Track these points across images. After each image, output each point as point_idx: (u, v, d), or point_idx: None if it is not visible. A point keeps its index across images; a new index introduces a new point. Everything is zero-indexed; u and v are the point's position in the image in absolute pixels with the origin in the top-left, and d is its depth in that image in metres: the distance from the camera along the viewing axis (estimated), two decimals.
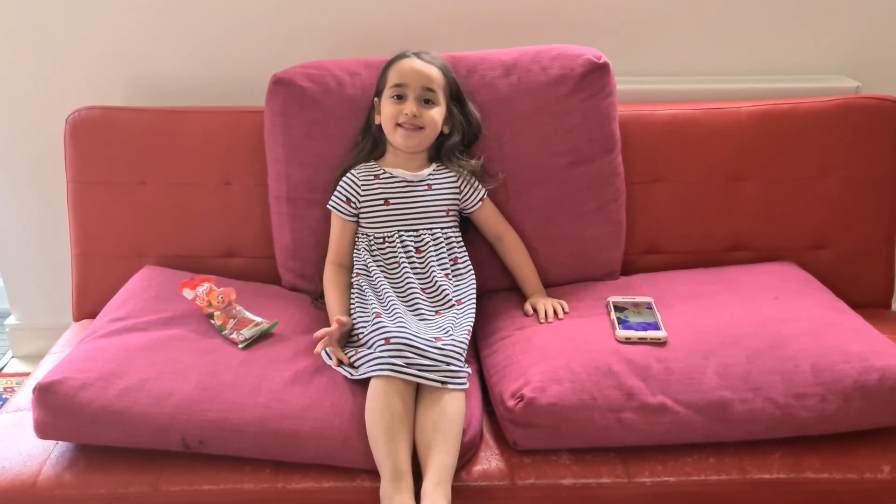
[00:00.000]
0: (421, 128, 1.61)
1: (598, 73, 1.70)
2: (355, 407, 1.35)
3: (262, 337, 1.51)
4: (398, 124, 1.61)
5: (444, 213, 1.63)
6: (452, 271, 1.59)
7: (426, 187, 1.64)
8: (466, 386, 1.36)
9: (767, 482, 1.32)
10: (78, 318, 1.86)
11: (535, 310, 1.60)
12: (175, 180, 1.81)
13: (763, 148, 1.79)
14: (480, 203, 1.67)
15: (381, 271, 1.57)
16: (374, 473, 1.29)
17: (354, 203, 1.64)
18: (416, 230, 1.61)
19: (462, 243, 1.65)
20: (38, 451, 1.36)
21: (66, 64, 1.99)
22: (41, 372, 1.58)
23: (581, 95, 1.70)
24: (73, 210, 1.84)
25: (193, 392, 1.35)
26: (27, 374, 2.26)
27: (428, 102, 1.62)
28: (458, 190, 1.66)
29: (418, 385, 1.35)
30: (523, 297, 1.67)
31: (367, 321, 1.45)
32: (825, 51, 2.04)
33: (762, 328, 1.46)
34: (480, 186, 1.68)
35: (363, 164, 1.67)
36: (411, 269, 1.57)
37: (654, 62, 2.04)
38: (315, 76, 1.73)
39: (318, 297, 1.69)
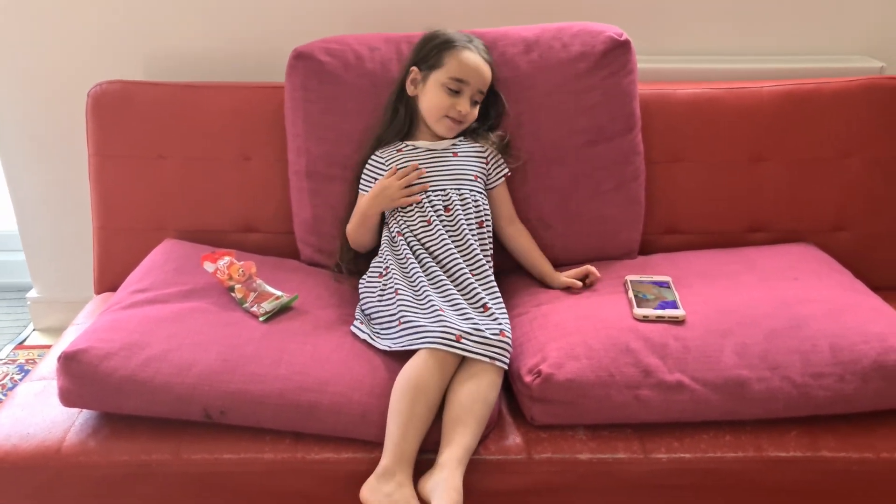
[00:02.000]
0: (463, 122, 1.63)
1: (619, 50, 1.69)
2: (374, 382, 1.36)
3: (283, 310, 1.52)
4: (446, 115, 1.62)
5: (472, 178, 1.63)
6: (478, 234, 1.59)
7: (451, 154, 1.65)
8: (506, 366, 1.37)
9: (783, 460, 1.33)
10: (99, 291, 1.88)
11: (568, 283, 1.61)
12: (194, 155, 1.82)
13: (785, 128, 1.78)
14: (502, 180, 1.67)
15: (417, 241, 1.55)
16: None
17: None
18: (444, 189, 1.60)
19: (489, 213, 1.64)
20: (62, 418, 1.39)
21: (86, 38, 2.00)
22: (65, 341, 1.61)
23: (602, 73, 1.69)
24: (95, 183, 1.85)
25: (215, 363, 1.36)
26: (49, 347, 2.30)
27: (476, 102, 1.63)
28: (485, 160, 1.66)
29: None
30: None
31: (398, 299, 1.46)
32: (848, 31, 2.02)
33: (781, 308, 1.46)
34: (504, 164, 1.68)
35: (385, 146, 1.68)
36: (443, 227, 1.56)
37: (675, 41, 2.03)
38: (335, 51, 1.73)
39: (338, 270, 1.71)
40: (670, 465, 1.33)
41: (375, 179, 1.65)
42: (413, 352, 1.37)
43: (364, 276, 1.59)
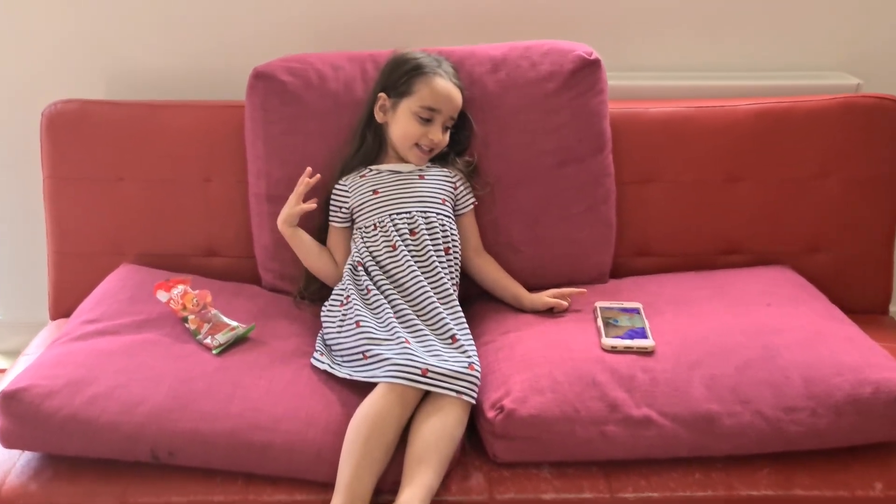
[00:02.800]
0: (434, 149, 1.59)
1: (588, 69, 1.65)
2: (330, 418, 1.31)
3: (238, 342, 1.47)
4: (417, 144, 1.57)
5: (439, 201, 1.58)
6: (445, 261, 1.54)
7: (417, 177, 1.60)
8: (474, 400, 1.32)
9: (755, 499, 1.28)
10: (55, 317, 1.82)
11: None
12: (154, 176, 1.76)
13: (760, 147, 1.73)
14: (470, 208, 1.63)
15: (380, 269, 1.50)
16: None
17: (346, 206, 1.60)
18: (409, 212, 1.55)
19: (457, 238, 1.59)
20: (2, 458, 1.32)
21: (43, 56, 1.94)
22: (9, 377, 1.54)
23: (571, 93, 1.64)
24: (50, 206, 1.79)
25: (165, 400, 1.31)
26: (3, 371, 2.23)
27: (447, 128, 1.59)
28: (453, 185, 1.62)
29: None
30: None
31: (359, 331, 1.41)
32: (824, 47, 1.98)
33: (753, 337, 1.41)
34: (471, 193, 1.64)
35: (349, 172, 1.63)
36: (408, 251, 1.51)
37: (646, 57, 1.98)
38: (297, 70, 1.68)
39: (300, 297, 1.65)
40: None
41: (341, 208, 1.60)
42: (372, 384, 1.31)
43: (325, 304, 1.54)
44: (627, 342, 1.40)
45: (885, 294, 1.80)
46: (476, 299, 1.64)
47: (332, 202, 1.62)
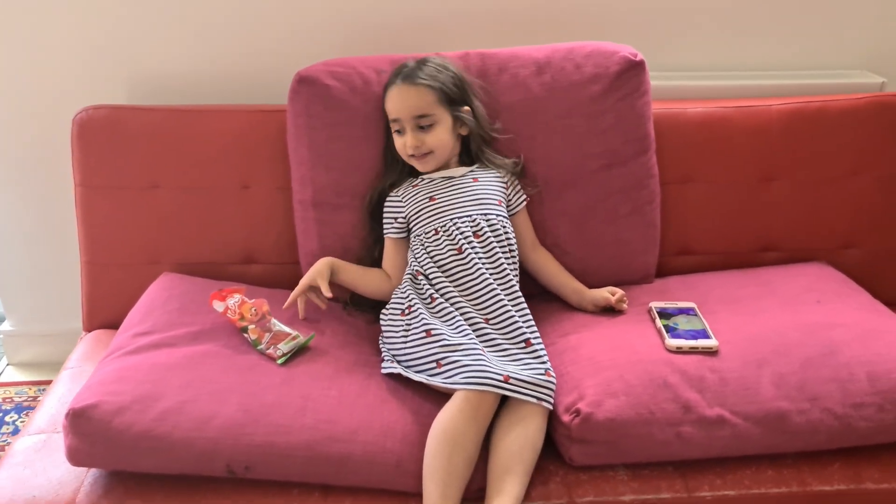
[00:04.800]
0: (430, 152, 1.56)
1: (633, 71, 1.66)
2: (407, 428, 1.30)
3: (300, 351, 1.45)
4: (408, 156, 1.57)
5: (496, 203, 1.57)
6: (511, 261, 1.53)
7: (471, 180, 1.59)
8: (552, 406, 1.32)
9: (828, 494, 1.31)
10: (89, 329, 1.77)
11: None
12: (190, 184, 1.73)
13: (794, 147, 1.76)
14: (522, 205, 1.63)
15: (448, 279, 1.48)
16: None
17: (402, 216, 1.59)
18: (471, 216, 1.54)
19: (515, 239, 1.58)
20: (69, 477, 1.29)
21: (65, 60, 1.88)
22: (60, 390, 1.51)
23: (616, 95, 1.65)
24: (82, 215, 1.74)
25: (236, 414, 1.28)
26: (25, 384, 2.18)
27: (426, 127, 1.55)
28: (505, 185, 1.61)
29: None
30: (563, 302, 1.62)
31: (431, 340, 1.39)
32: (848, 46, 2.01)
33: (811, 334, 1.44)
34: (522, 190, 1.63)
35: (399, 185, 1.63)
36: (475, 255, 1.49)
37: (674, 58, 1.99)
38: (340, 74, 1.65)
39: (349, 304, 1.64)
40: (715, 502, 1.30)
41: (394, 217, 1.59)
42: (447, 395, 1.31)
43: (384, 312, 1.52)
44: (692, 342, 1.41)
45: None
46: (528, 300, 1.64)
47: (385, 214, 1.61)
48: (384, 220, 1.61)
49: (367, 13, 1.87)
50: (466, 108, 1.57)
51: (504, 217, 1.57)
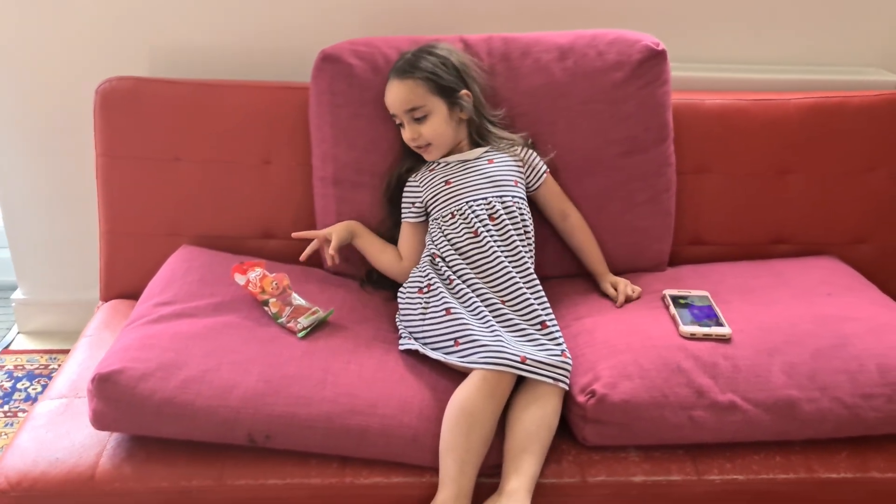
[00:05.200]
0: (429, 143, 1.59)
1: (655, 60, 1.67)
2: (424, 403, 1.33)
3: (320, 325, 1.47)
4: (414, 146, 1.60)
5: (512, 183, 1.58)
6: (526, 243, 1.55)
7: (486, 161, 1.61)
8: (568, 387, 1.35)
9: (834, 481, 1.33)
10: (106, 298, 1.79)
11: (615, 289, 1.59)
12: (211, 157, 1.74)
13: (811, 141, 1.78)
14: (545, 176, 1.64)
15: (465, 262, 1.50)
16: None
17: (420, 201, 1.61)
18: (486, 198, 1.55)
19: (531, 220, 1.59)
20: (92, 441, 1.31)
21: (86, 31, 1.89)
22: (80, 357, 1.53)
23: (638, 83, 1.66)
24: (103, 185, 1.76)
25: (258, 385, 1.31)
26: (35, 352, 2.20)
27: (421, 118, 1.57)
28: (521, 162, 1.63)
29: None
30: (579, 286, 1.65)
31: (450, 318, 1.41)
32: (862, 43, 2.02)
33: (823, 326, 1.46)
34: (539, 159, 1.64)
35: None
36: (490, 237, 1.51)
37: (690, 50, 2.00)
38: (363, 53, 1.67)
39: (366, 281, 1.66)
40: (723, 486, 1.33)
41: (414, 203, 1.62)
42: (463, 374, 1.33)
43: (402, 290, 1.54)
44: (706, 329, 1.44)
45: None
46: (545, 282, 1.65)
47: (404, 199, 1.63)
48: (402, 205, 1.63)
49: None
50: (465, 91, 1.58)
51: (520, 198, 1.59)
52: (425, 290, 1.49)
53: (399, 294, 1.54)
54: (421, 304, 1.47)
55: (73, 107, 1.93)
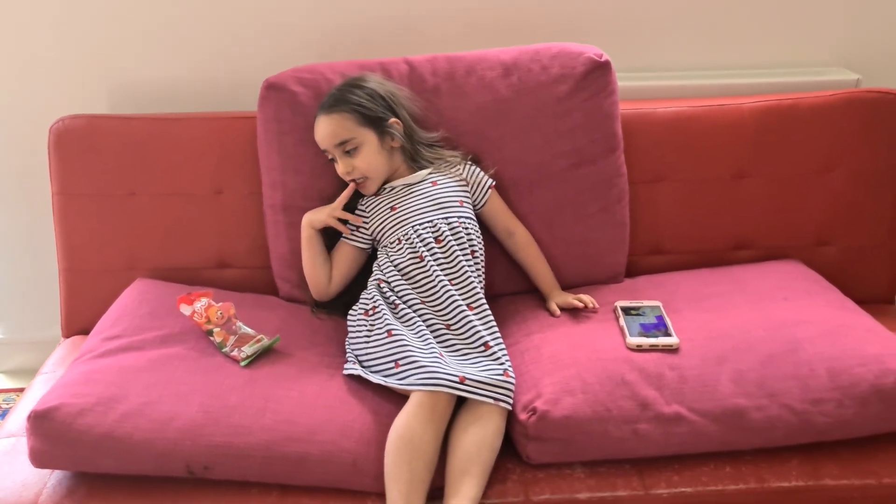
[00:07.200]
0: (365, 176, 1.59)
1: (599, 71, 1.67)
2: (364, 427, 1.32)
3: (265, 353, 1.46)
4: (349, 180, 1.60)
5: (457, 204, 1.58)
6: (473, 264, 1.55)
7: (430, 184, 1.60)
8: (510, 407, 1.33)
9: (786, 490, 1.30)
10: (68, 335, 1.80)
11: (561, 308, 1.58)
12: (165, 190, 1.75)
13: (766, 144, 1.76)
14: (489, 192, 1.63)
15: (411, 286, 1.50)
16: (384, 496, 1.25)
17: (367, 229, 1.61)
18: (431, 220, 1.55)
19: (481, 239, 1.59)
20: (33, 479, 1.31)
21: (45, 71, 1.92)
22: (33, 395, 1.53)
23: (583, 95, 1.66)
24: (59, 223, 1.77)
25: (197, 415, 1.30)
26: (14, 391, 2.21)
27: (352, 151, 1.57)
28: (465, 182, 1.62)
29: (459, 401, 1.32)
30: (529, 302, 1.63)
31: (391, 340, 1.41)
32: (823, 43, 2.01)
33: (775, 331, 1.44)
34: (483, 175, 1.64)
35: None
36: (435, 262, 1.50)
37: (647, 58, 2.00)
38: (307, 80, 1.68)
39: (317, 307, 1.65)
40: (671, 500, 1.30)
41: (359, 228, 1.62)
42: (406, 396, 1.32)
43: (351, 313, 1.54)
44: (652, 340, 1.42)
45: (891, 284, 1.83)
46: (496, 300, 1.65)
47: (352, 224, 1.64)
48: (348, 225, 1.63)
49: (337, 19, 1.89)
50: (394, 119, 1.58)
51: (467, 218, 1.58)
52: (370, 312, 1.49)
53: (348, 317, 1.54)
54: (366, 326, 1.47)
55: (35, 147, 1.95)
